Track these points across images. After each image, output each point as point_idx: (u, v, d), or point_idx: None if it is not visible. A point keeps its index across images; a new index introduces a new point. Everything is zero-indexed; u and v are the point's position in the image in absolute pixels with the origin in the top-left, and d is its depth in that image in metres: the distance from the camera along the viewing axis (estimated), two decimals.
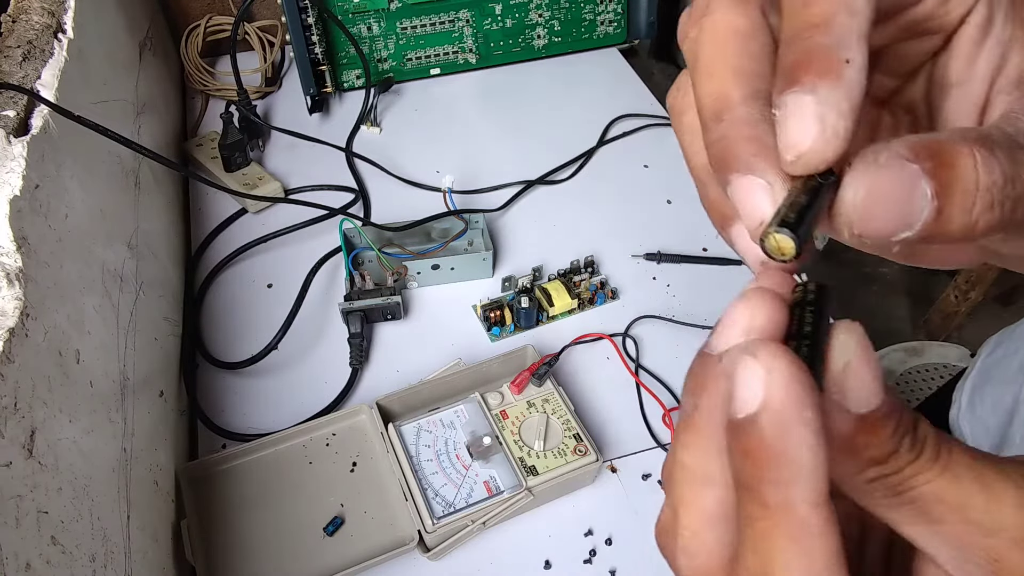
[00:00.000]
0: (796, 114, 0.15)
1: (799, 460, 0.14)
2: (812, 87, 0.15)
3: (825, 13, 0.16)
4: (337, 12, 0.82)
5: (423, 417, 0.54)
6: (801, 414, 0.14)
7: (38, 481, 0.32)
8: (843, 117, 0.15)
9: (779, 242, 0.16)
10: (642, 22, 0.94)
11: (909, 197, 0.15)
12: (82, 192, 0.46)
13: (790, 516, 0.15)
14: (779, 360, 0.15)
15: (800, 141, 0.15)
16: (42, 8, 0.50)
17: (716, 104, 0.17)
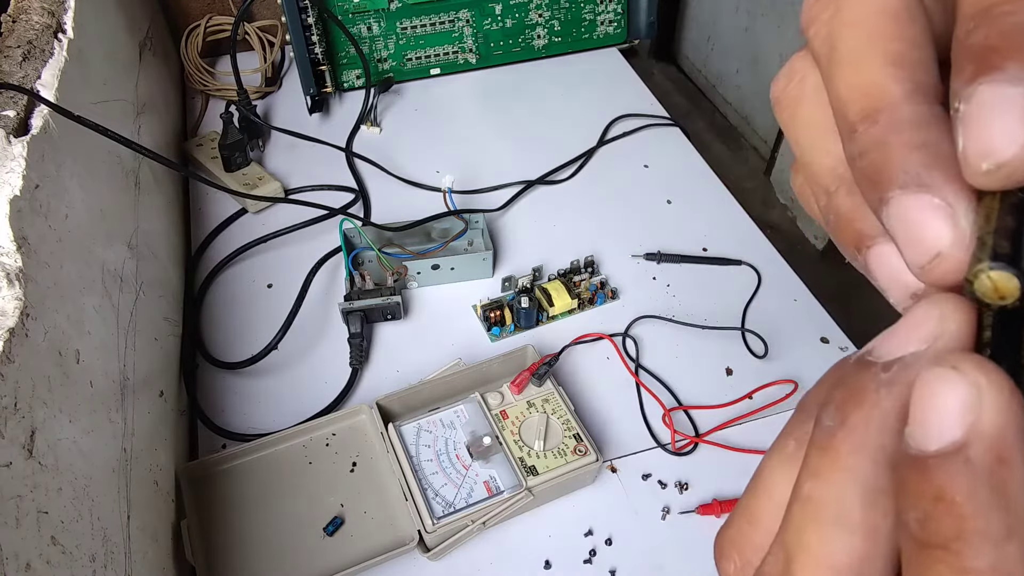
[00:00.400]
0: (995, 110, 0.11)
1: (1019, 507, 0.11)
2: (1019, 77, 0.11)
3: None
4: (337, 12, 0.82)
5: (423, 417, 0.54)
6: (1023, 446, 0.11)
7: (38, 481, 0.32)
8: None
9: (996, 282, 0.12)
10: (642, 22, 0.94)
11: None
12: (82, 192, 0.46)
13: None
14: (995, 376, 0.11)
15: (1002, 145, 0.11)
16: (42, 8, 0.50)
17: (868, 101, 0.13)
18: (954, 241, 0.12)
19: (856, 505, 0.13)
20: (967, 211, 0.12)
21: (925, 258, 0.13)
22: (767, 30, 1.14)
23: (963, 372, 0.11)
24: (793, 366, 0.61)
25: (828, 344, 0.63)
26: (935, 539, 0.11)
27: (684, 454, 0.55)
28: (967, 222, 0.12)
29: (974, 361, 0.11)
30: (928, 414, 0.11)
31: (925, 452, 0.11)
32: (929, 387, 0.11)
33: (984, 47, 0.12)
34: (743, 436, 0.56)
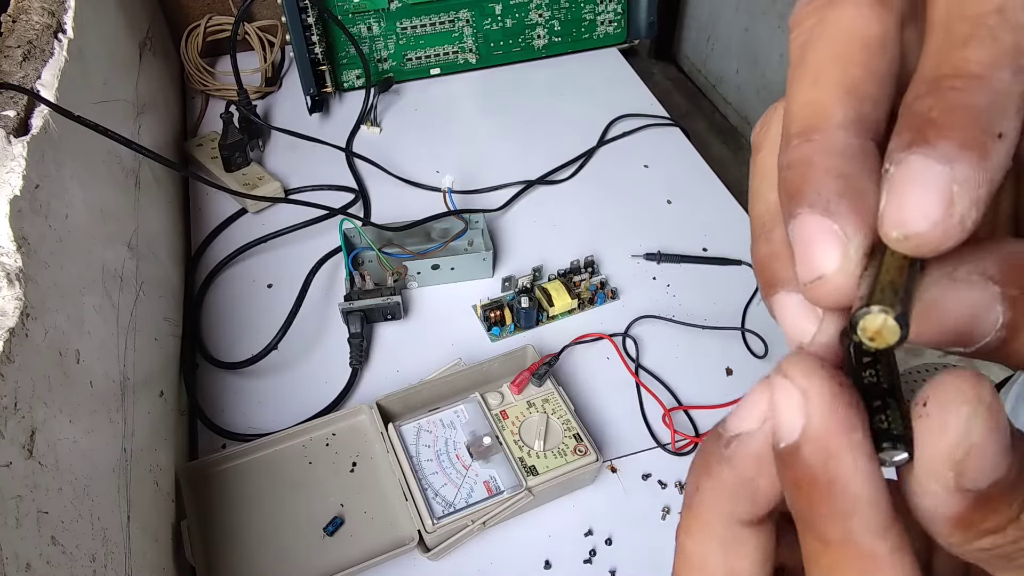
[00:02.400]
0: (921, 185, 0.12)
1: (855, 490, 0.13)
2: (949, 157, 0.12)
3: (985, 62, 0.12)
4: (337, 12, 0.82)
5: (423, 417, 0.54)
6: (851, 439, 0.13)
7: (38, 481, 0.32)
8: (975, 207, 0.12)
9: (883, 326, 0.12)
10: (642, 22, 0.94)
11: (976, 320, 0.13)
12: (82, 192, 0.46)
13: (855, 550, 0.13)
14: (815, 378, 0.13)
15: (916, 221, 0.12)
16: (42, 8, 0.50)
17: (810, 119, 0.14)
18: (839, 268, 0.13)
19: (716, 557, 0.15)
20: (860, 246, 0.13)
21: (809, 277, 0.13)
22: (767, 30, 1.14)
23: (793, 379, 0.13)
24: None
25: None
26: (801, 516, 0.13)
27: (684, 454, 0.55)
28: (856, 256, 0.13)
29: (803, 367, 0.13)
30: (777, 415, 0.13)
31: (780, 450, 0.13)
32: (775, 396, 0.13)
33: (925, 117, 0.12)
34: None
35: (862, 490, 0.13)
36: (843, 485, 0.13)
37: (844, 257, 0.13)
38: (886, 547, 0.13)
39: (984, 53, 0.12)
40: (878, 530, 0.13)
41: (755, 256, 0.16)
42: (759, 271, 0.16)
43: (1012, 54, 0.12)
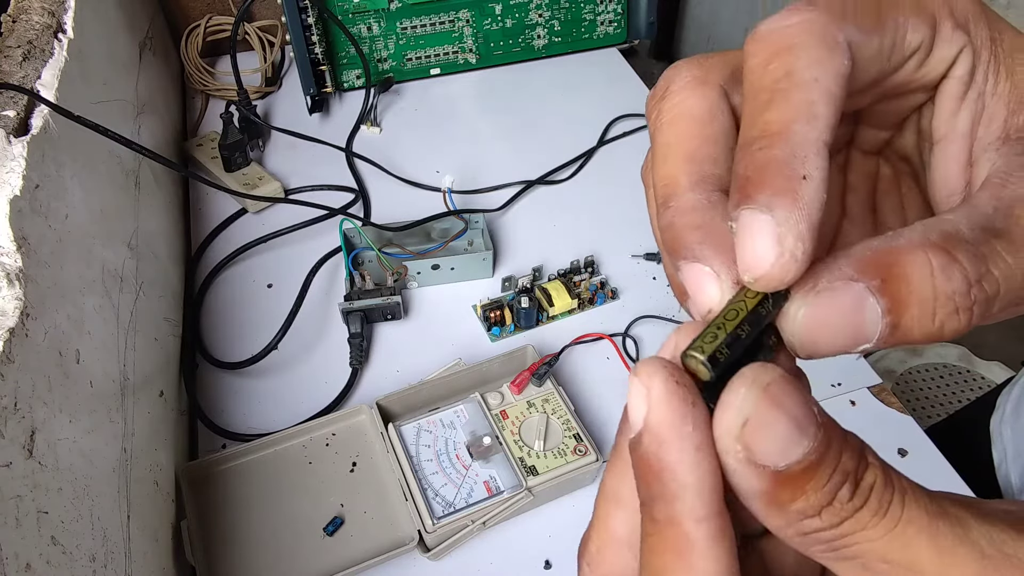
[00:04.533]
0: (754, 234, 0.15)
1: (681, 476, 0.14)
2: (768, 206, 0.14)
3: (783, 120, 0.15)
4: (337, 12, 0.82)
5: (423, 417, 0.54)
6: (680, 430, 0.14)
7: (38, 481, 0.32)
8: (801, 240, 0.14)
9: (695, 368, 0.16)
10: (642, 22, 0.94)
11: (856, 317, 0.15)
12: (82, 192, 0.46)
13: (675, 532, 0.15)
14: (656, 377, 0.15)
15: (758, 264, 0.15)
16: (42, 8, 0.50)
17: (666, 190, 0.17)
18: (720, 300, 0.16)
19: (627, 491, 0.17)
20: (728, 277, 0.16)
21: (700, 312, 0.16)
22: None
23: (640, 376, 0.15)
24: None
25: None
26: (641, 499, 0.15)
27: None
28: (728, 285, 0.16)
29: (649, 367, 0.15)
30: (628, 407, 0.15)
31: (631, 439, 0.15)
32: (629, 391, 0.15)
33: (744, 177, 0.15)
34: None
35: (687, 478, 0.14)
36: (671, 471, 0.15)
37: (720, 291, 0.16)
38: (703, 533, 0.14)
39: (780, 113, 0.15)
40: (698, 516, 0.14)
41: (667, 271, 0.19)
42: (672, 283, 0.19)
43: (803, 107, 0.15)
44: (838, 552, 0.14)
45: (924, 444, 0.56)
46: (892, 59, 0.17)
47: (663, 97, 0.18)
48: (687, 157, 0.17)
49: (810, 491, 0.14)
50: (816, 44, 0.15)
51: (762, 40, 0.16)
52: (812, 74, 0.15)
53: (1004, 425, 0.62)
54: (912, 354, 1.27)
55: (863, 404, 0.59)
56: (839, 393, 0.59)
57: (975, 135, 0.18)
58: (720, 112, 0.17)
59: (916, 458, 0.56)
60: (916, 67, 0.18)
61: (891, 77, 0.18)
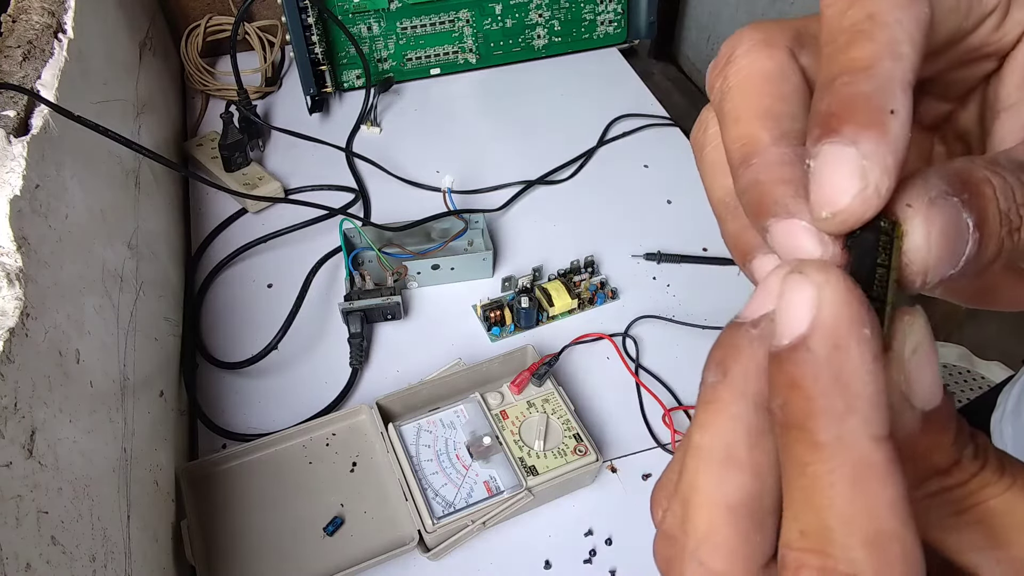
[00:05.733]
0: (836, 167, 0.14)
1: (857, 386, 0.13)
2: (854, 139, 0.14)
3: (868, 57, 0.14)
4: (337, 12, 0.82)
5: (423, 417, 0.54)
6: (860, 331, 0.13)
7: (38, 481, 0.32)
8: (887, 174, 0.14)
9: None
10: (642, 22, 0.94)
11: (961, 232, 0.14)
12: (82, 192, 0.46)
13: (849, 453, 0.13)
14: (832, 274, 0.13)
15: (838, 198, 0.14)
16: (42, 8, 0.50)
17: (745, 148, 0.16)
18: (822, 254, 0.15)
19: (742, 446, 0.14)
20: None
21: None
22: None
23: (808, 274, 0.13)
24: None
25: None
26: (792, 420, 0.13)
27: None
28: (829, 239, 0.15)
29: (817, 265, 0.13)
30: (782, 313, 0.13)
31: (782, 348, 0.13)
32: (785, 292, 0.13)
33: (827, 114, 0.14)
34: None
35: (864, 388, 0.13)
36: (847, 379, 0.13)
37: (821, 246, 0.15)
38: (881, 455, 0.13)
39: (865, 50, 0.15)
40: (875, 434, 0.13)
41: (726, 234, 0.19)
42: (733, 245, 0.18)
43: (888, 45, 0.14)
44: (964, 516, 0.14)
45: None
46: (971, 16, 0.17)
47: (728, 62, 0.17)
48: (765, 114, 0.16)
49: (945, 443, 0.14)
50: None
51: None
52: (895, 16, 0.15)
53: (1005, 423, 0.62)
54: None
55: None
56: None
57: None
58: (792, 71, 0.17)
59: None
60: (993, 28, 0.17)
61: (967, 39, 0.17)
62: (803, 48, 0.17)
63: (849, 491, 0.12)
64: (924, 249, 0.14)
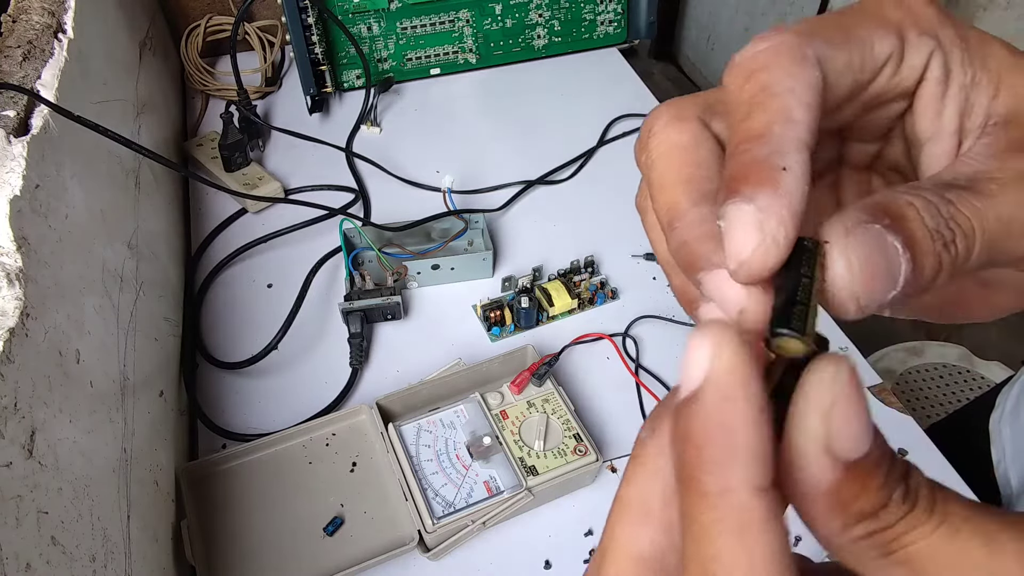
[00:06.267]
0: (738, 223, 0.16)
1: (740, 437, 0.14)
2: (751, 196, 0.15)
3: (763, 126, 0.16)
4: (337, 12, 0.82)
5: (423, 417, 0.54)
6: (746, 387, 0.14)
7: (38, 481, 0.32)
8: (782, 224, 0.15)
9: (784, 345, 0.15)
10: (642, 22, 0.94)
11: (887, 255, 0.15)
12: (82, 192, 0.46)
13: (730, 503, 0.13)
14: (728, 333, 0.14)
15: (741, 249, 0.15)
16: (42, 8, 0.50)
17: (670, 214, 0.18)
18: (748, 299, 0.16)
19: (657, 501, 0.15)
20: None
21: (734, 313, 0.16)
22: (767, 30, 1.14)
23: (708, 334, 0.14)
24: None
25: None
26: (684, 472, 0.14)
27: None
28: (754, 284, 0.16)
29: (719, 326, 0.14)
30: (684, 370, 0.14)
31: (681, 402, 0.14)
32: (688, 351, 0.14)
33: (730, 177, 0.16)
34: None
35: (749, 440, 0.13)
36: (732, 432, 0.14)
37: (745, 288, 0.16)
38: (763, 507, 0.13)
39: (759, 120, 0.16)
40: (757, 485, 0.13)
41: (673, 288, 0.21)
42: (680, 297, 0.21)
43: (780, 113, 0.16)
44: (891, 557, 0.14)
45: (924, 444, 0.56)
46: (865, 70, 0.18)
47: (648, 137, 0.20)
48: (684, 180, 0.18)
49: (872, 488, 0.14)
50: (787, 61, 0.17)
51: (738, 67, 0.18)
52: (786, 85, 0.16)
53: (1003, 424, 0.62)
54: (912, 354, 1.27)
55: None
56: None
57: (963, 128, 0.19)
58: (704, 138, 0.19)
59: (916, 458, 0.55)
60: (891, 75, 0.19)
61: (868, 88, 0.19)
62: (715, 116, 0.19)
63: (733, 542, 0.13)
64: (847, 276, 0.15)
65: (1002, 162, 0.17)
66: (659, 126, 0.19)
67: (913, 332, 1.49)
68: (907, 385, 1.23)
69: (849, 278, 0.15)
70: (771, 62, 0.17)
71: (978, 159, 0.17)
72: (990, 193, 0.16)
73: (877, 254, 0.15)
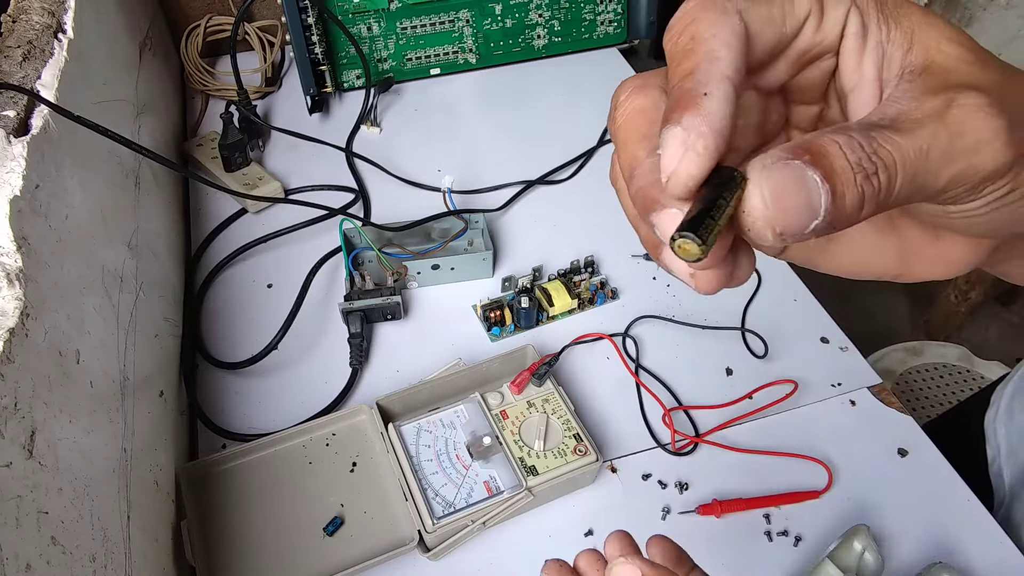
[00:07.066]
0: (666, 143, 0.18)
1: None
2: (678, 120, 0.18)
3: (691, 65, 0.19)
4: (337, 12, 0.82)
5: (423, 417, 0.54)
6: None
7: (38, 481, 0.32)
8: (703, 137, 0.18)
9: (684, 246, 0.18)
10: (642, 22, 0.94)
11: (806, 187, 0.17)
12: (82, 192, 0.46)
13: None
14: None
15: (669, 164, 0.18)
16: (42, 8, 0.50)
17: (630, 166, 0.21)
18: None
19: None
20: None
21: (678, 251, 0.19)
22: None
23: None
24: (793, 366, 0.61)
25: (828, 344, 0.63)
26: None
27: (684, 454, 0.55)
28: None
29: None
30: None
31: None
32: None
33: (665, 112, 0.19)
34: (743, 436, 0.56)
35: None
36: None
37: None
38: None
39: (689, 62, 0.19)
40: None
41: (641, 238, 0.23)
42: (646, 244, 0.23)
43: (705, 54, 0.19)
44: None
45: (924, 444, 0.56)
46: (787, 24, 0.21)
47: (615, 107, 0.22)
48: (641, 137, 0.21)
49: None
50: (710, 12, 0.19)
51: (671, 28, 0.20)
52: (710, 32, 0.19)
53: (998, 423, 0.62)
54: (912, 354, 1.27)
55: (863, 404, 0.59)
56: (839, 393, 0.60)
57: (882, 79, 0.21)
58: (663, 102, 0.21)
59: (916, 458, 0.56)
60: (813, 31, 0.21)
61: (793, 44, 0.21)
62: None
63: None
64: (761, 207, 0.18)
65: (920, 103, 0.19)
66: (624, 96, 0.22)
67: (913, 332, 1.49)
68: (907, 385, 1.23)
69: (763, 208, 0.17)
70: (697, 16, 0.20)
71: (899, 102, 0.19)
72: (909, 129, 0.18)
73: (793, 186, 0.17)
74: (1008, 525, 0.54)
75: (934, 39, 0.20)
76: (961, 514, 0.53)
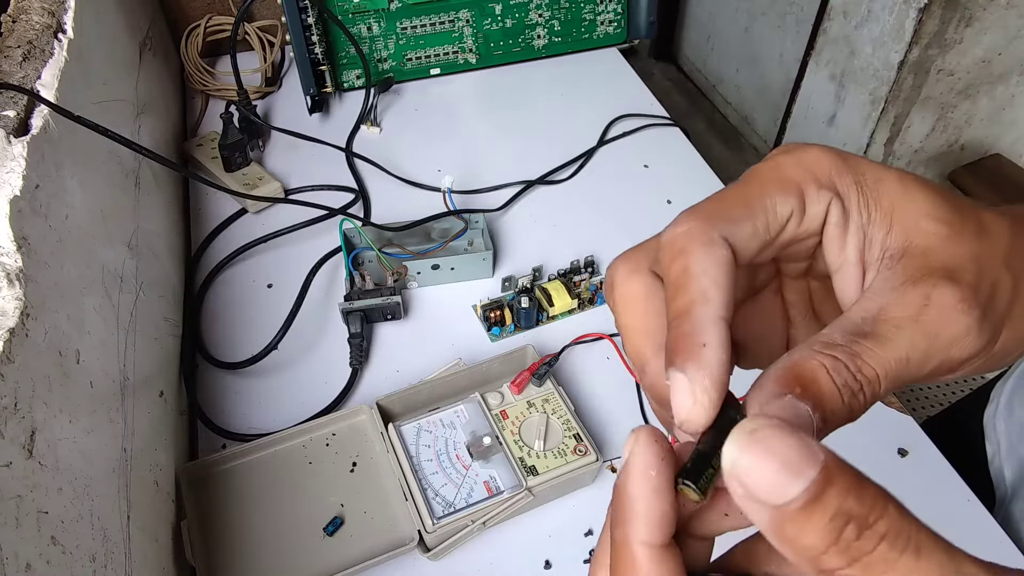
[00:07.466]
0: (676, 388, 0.20)
1: (635, 505, 0.19)
2: (682, 367, 0.20)
3: (685, 305, 0.20)
4: (337, 12, 0.82)
5: (423, 417, 0.54)
6: (646, 471, 0.19)
7: (38, 481, 0.32)
8: (705, 391, 0.19)
9: (684, 491, 0.19)
10: (642, 22, 0.94)
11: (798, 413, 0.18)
12: (82, 192, 0.46)
13: (625, 551, 0.19)
14: (643, 432, 0.19)
15: (680, 409, 0.20)
16: (42, 8, 0.50)
17: (638, 360, 0.23)
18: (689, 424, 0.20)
19: None
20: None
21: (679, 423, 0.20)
22: (767, 30, 1.14)
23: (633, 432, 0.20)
24: None
25: None
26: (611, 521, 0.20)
27: None
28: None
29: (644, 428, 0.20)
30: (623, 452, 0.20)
31: None
32: None
33: (668, 348, 0.20)
34: None
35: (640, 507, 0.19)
36: (630, 498, 0.19)
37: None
38: (646, 557, 0.19)
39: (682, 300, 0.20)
40: (644, 540, 0.19)
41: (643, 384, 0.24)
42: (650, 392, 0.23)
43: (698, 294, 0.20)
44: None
45: (924, 444, 0.56)
46: (771, 230, 0.22)
47: (612, 289, 0.24)
48: (644, 333, 0.23)
49: (811, 529, 0.15)
50: (699, 245, 0.21)
51: (666, 247, 0.21)
52: (701, 268, 0.20)
53: (997, 419, 0.62)
54: None
55: None
56: None
57: (865, 259, 0.22)
58: (656, 289, 0.23)
59: (916, 458, 0.56)
60: (796, 226, 0.22)
61: (777, 239, 0.22)
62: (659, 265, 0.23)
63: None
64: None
65: (900, 296, 0.21)
66: (619, 279, 0.24)
67: None
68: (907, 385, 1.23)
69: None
70: (687, 246, 0.21)
71: (879, 294, 0.21)
72: (890, 337, 0.20)
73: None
74: (1008, 522, 0.54)
75: (911, 217, 0.22)
76: (961, 515, 0.53)
